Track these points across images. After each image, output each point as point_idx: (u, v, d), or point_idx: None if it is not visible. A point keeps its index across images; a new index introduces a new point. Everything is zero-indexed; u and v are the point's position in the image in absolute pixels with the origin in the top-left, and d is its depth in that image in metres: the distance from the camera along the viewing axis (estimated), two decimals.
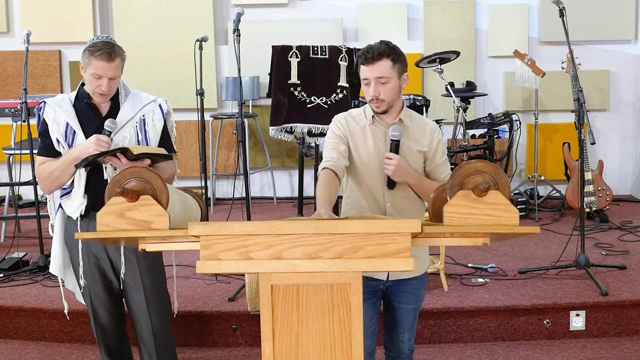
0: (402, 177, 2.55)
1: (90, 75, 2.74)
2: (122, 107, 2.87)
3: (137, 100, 2.91)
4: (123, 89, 2.90)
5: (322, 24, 6.47)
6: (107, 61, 2.71)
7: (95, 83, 2.75)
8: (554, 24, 5.69)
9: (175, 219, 1.98)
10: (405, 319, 2.74)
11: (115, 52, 2.74)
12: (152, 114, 2.91)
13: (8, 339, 3.99)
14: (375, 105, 2.57)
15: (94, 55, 2.71)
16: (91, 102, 2.84)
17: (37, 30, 5.96)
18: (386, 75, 2.52)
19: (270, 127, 5.27)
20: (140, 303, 2.90)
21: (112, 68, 2.73)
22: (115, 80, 2.77)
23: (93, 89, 2.77)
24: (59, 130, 2.81)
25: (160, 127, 2.91)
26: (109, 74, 2.73)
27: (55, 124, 2.82)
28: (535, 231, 1.92)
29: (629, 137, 6.58)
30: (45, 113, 2.84)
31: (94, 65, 2.72)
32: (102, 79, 2.73)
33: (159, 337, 2.94)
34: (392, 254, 1.79)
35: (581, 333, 3.88)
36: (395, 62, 2.53)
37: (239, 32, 4.07)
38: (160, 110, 2.93)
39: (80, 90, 2.88)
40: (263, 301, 1.82)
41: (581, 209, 4.29)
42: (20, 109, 4.56)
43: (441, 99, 6.28)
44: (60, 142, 2.81)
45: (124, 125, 2.84)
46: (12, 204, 5.52)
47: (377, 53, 2.50)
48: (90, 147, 2.70)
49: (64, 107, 2.84)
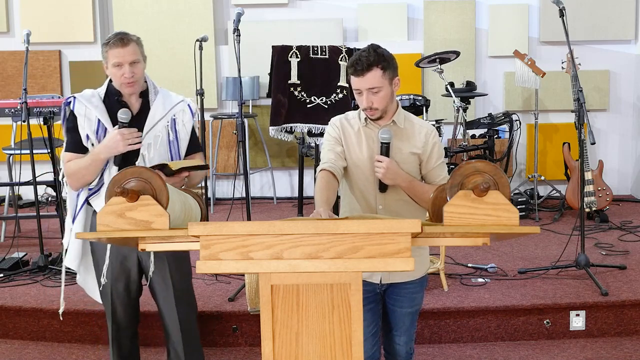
0: (393, 179, 2.53)
1: (112, 67, 2.77)
2: (153, 105, 2.87)
3: (167, 99, 2.92)
4: (152, 86, 2.91)
5: (322, 24, 6.47)
6: (121, 46, 2.74)
7: (119, 72, 2.76)
8: (554, 24, 5.69)
9: (175, 219, 1.98)
10: (401, 322, 2.73)
11: (127, 37, 2.77)
12: (182, 113, 2.92)
13: (8, 339, 3.99)
14: (370, 114, 2.57)
15: (108, 46, 2.76)
16: (121, 99, 2.84)
17: (37, 30, 5.97)
18: (377, 85, 2.49)
19: (270, 127, 5.27)
20: (169, 300, 2.91)
21: (128, 52, 2.74)
22: (136, 65, 2.78)
23: (118, 80, 2.78)
24: (90, 127, 2.80)
25: (190, 127, 2.94)
26: (127, 59, 2.74)
27: (87, 120, 2.81)
28: (535, 231, 1.91)
29: (629, 137, 6.58)
30: (75, 108, 2.83)
31: (111, 54, 2.75)
32: (123, 66, 2.74)
33: (186, 333, 2.95)
34: (392, 254, 1.79)
35: (581, 333, 3.88)
36: (385, 70, 2.49)
37: (239, 32, 4.07)
38: (190, 110, 2.95)
39: (109, 86, 2.88)
40: (263, 301, 1.82)
41: (581, 209, 4.29)
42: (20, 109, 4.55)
43: (441, 99, 6.28)
44: (90, 138, 2.80)
45: (156, 124, 2.85)
46: (12, 204, 5.52)
47: (366, 64, 2.46)
48: (119, 145, 2.70)
49: (94, 103, 2.83)
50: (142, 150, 2.81)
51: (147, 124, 2.84)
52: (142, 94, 2.88)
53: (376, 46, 2.53)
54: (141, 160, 2.80)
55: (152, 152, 2.82)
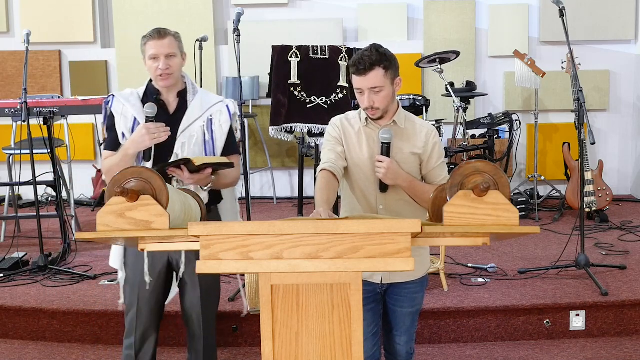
0: (394, 180, 2.53)
1: (148, 60, 2.78)
2: (190, 105, 2.86)
3: (205, 99, 2.91)
4: (191, 86, 2.91)
5: (322, 24, 6.47)
6: (158, 39, 2.75)
7: (154, 65, 2.77)
8: (554, 24, 5.69)
9: (175, 219, 1.98)
10: (401, 322, 2.73)
11: (165, 31, 2.79)
12: (219, 114, 2.90)
13: (8, 339, 3.99)
14: (371, 114, 2.57)
15: (146, 38, 2.78)
16: (160, 98, 2.84)
17: (37, 30, 5.97)
18: (379, 84, 2.49)
19: (270, 127, 5.27)
20: (195, 301, 2.90)
21: (164, 45, 2.76)
22: (172, 59, 2.78)
23: (154, 72, 2.79)
24: (126, 125, 2.81)
25: (227, 128, 2.91)
26: (163, 51, 2.75)
27: (123, 118, 2.82)
28: (535, 231, 1.91)
29: (629, 137, 6.58)
30: (113, 107, 2.85)
31: (148, 46, 2.77)
32: (159, 58, 2.75)
33: (207, 334, 2.95)
34: (392, 254, 1.79)
35: (581, 333, 3.88)
36: (387, 70, 2.49)
37: (239, 32, 4.07)
38: (228, 112, 2.92)
39: (148, 86, 2.89)
40: (263, 301, 1.82)
41: (581, 209, 4.29)
42: (20, 109, 4.55)
43: (441, 99, 6.28)
44: (125, 135, 2.81)
45: (192, 123, 2.84)
46: (12, 204, 5.52)
47: (369, 63, 2.46)
48: (145, 140, 2.69)
49: (132, 102, 2.84)
50: (176, 149, 2.80)
51: (183, 123, 2.83)
52: (180, 93, 2.88)
53: (378, 46, 2.53)
54: (174, 158, 2.78)
55: (185, 152, 2.81)
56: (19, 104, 4.61)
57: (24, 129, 4.51)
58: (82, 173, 6.44)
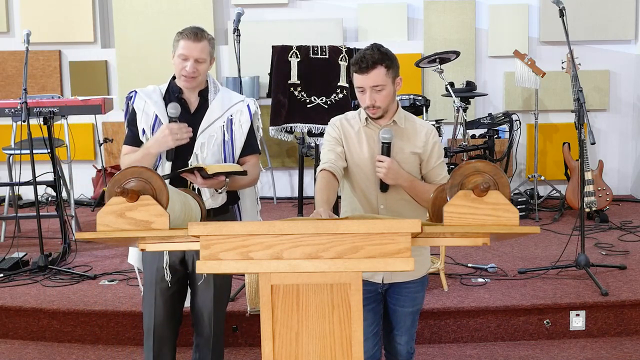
0: (394, 179, 2.54)
1: (177, 57, 2.76)
2: (211, 104, 2.85)
3: (226, 98, 2.89)
4: (213, 85, 2.89)
5: (322, 24, 6.47)
6: (193, 40, 2.73)
7: (181, 65, 2.75)
8: (554, 24, 5.69)
9: (175, 219, 1.98)
10: (402, 322, 2.74)
11: (202, 34, 2.76)
12: (239, 114, 2.89)
13: (8, 339, 3.99)
14: (372, 112, 2.57)
15: (181, 35, 2.75)
16: (182, 97, 2.83)
17: (37, 30, 5.97)
18: (381, 83, 2.51)
19: (270, 127, 5.26)
20: (207, 301, 2.88)
21: (197, 49, 2.73)
22: (202, 64, 2.76)
23: (179, 71, 2.77)
24: (147, 122, 2.80)
25: (247, 128, 2.89)
26: (194, 54, 2.73)
27: (144, 115, 2.81)
28: (535, 231, 1.91)
29: (629, 137, 6.58)
30: (135, 103, 2.84)
31: (181, 45, 2.74)
32: (188, 60, 2.73)
33: (216, 334, 2.94)
34: (392, 254, 1.79)
35: (581, 333, 3.88)
36: (389, 69, 2.52)
37: (239, 32, 4.07)
38: (248, 111, 2.91)
39: (171, 83, 2.88)
40: (263, 301, 1.82)
41: (581, 209, 4.29)
42: (20, 109, 4.55)
43: (441, 99, 6.28)
44: (146, 132, 2.80)
45: (212, 123, 2.82)
46: (12, 204, 5.52)
47: (371, 62, 2.48)
48: (168, 140, 2.67)
49: (154, 98, 2.83)
50: (195, 149, 2.78)
51: (203, 123, 2.81)
52: (201, 92, 2.87)
53: (379, 45, 2.55)
54: (194, 159, 2.77)
55: (205, 152, 2.80)
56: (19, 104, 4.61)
57: (24, 129, 4.51)
58: (82, 173, 6.44)
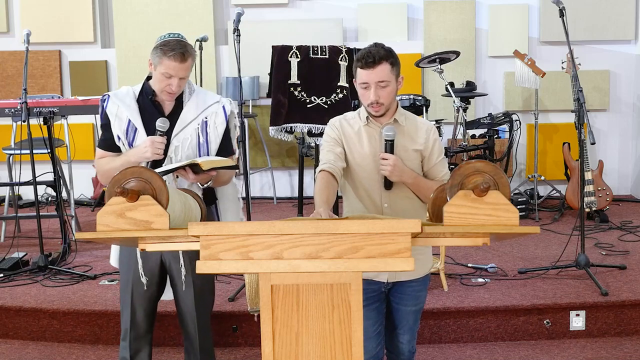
0: (399, 176, 2.55)
1: (160, 74, 2.72)
2: (186, 106, 2.84)
3: (201, 100, 2.87)
4: (188, 87, 2.87)
5: (322, 24, 6.47)
6: (180, 62, 2.69)
7: (165, 82, 2.73)
8: (554, 24, 5.69)
9: (175, 219, 1.98)
10: (405, 320, 2.74)
11: (188, 53, 2.72)
12: (214, 116, 2.87)
13: (8, 339, 3.99)
14: (375, 110, 2.57)
15: (166, 55, 2.69)
16: (155, 99, 2.82)
17: (37, 30, 5.97)
18: (386, 79, 2.53)
19: (270, 127, 5.27)
20: (189, 302, 2.89)
21: (183, 68, 2.71)
22: (184, 80, 2.75)
23: (162, 87, 2.75)
24: (121, 127, 2.79)
25: (222, 130, 2.88)
26: (180, 74, 2.71)
27: (117, 120, 2.79)
28: (535, 231, 1.91)
29: (629, 137, 6.58)
30: (108, 107, 2.82)
31: (166, 64, 2.70)
32: (173, 78, 2.71)
33: (202, 334, 2.94)
34: (392, 254, 1.79)
35: (581, 333, 3.88)
36: (393, 66, 2.55)
37: (239, 32, 4.07)
38: (224, 112, 2.89)
39: (145, 85, 2.85)
40: (263, 301, 1.82)
41: (581, 209, 4.29)
42: (20, 109, 4.55)
43: (441, 99, 6.28)
44: (120, 138, 2.79)
45: (186, 126, 2.81)
46: (12, 204, 5.52)
47: (377, 57, 2.51)
48: (147, 151, 2.68)
49: (127, 102, 2.81)
50: (170, 152, 2.78)
51: (177, 125, 2.80)
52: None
53: (381, 44, 2.58)
54: (168, 162, 2.77)
55: (179, 155, 2.80)
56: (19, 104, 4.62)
57: (24, 129, 4.51)
58: (82, 173, 6.44)
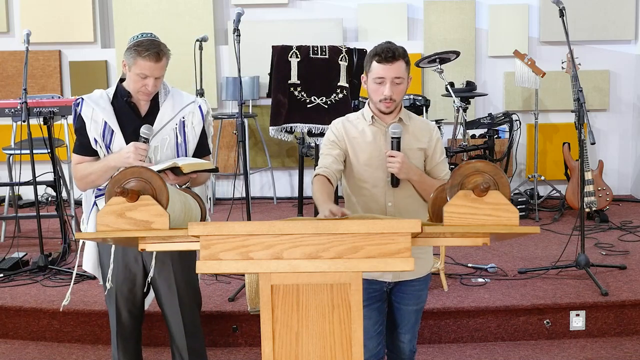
0: (407, 174, 2.56)
1: (135, 74, 2.70)
2: (162, 107, 2.83)
3: (177, 100, 2.86)
4: (163, 87, 2.85)
5: (322, 24, 6.47)
6: (154, 61, 2.68)
7: (141, 82, 2.71)
8: (554, 24, 5.69)
9: (175, 219, 1.98)
10: (406, 320, 2.75)
11: (162, 52, 2.71)
12: (192, 115, 2.87)
13: (8, 339, 3.99)
14: (386, 106, 2.58)
15: (141, 56, 2.67)
16: (130, 100, 2.79)
17: (37, 30, 5.96)
18: (402, 75, 2.58)
19: (270, 127, 5.26)
20: (173, 304, 2.87)
21: (158, 68, 2.70)
22: (160, 79, 2.74)
23: (137, 88, 2.73)
24: (97, 130, 2.76)
25: (200, 129, 2.88)
26: (155, 74, 2.70)
27: (93, 123, 2.77)
28: (535, 231, 1.91)
29: (629, 137, 6.58)
30: (82, 111, 2.78)
31: (141, 65, 2.68)
32: (148, 78, 2.70)
33: (190, 335, 2.92)
34: (392, 254, 1.79)
35: (581, 333, 3.88)
36: (407, 65, 2.61)
37: (239, 32, 4.06)
38: (200, 112, 2.89)
39: (119, 87, 2.83)
40: (263, 301, 1.82)
41: (581, 209, 4.29)
42: (20, 109, 4.55)
43: (441, 99, 6.28)
44: (97, 141, 2.77)
45: (164, 126, 2.80)
46: (12, 204, 5.52)
47: (396, 53, 2.54)
48: (130, 156, 2.65)
49: (102, 105, 2.78)
50: (149, 153, 2.76)
51: (155, 126, 2.79)
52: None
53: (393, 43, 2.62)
54: (147, 162, 2.75)
55: (159, 155, 2.79)
56: (19, 104, 4.62)
57: (24, 129, 4.51)
58: None
